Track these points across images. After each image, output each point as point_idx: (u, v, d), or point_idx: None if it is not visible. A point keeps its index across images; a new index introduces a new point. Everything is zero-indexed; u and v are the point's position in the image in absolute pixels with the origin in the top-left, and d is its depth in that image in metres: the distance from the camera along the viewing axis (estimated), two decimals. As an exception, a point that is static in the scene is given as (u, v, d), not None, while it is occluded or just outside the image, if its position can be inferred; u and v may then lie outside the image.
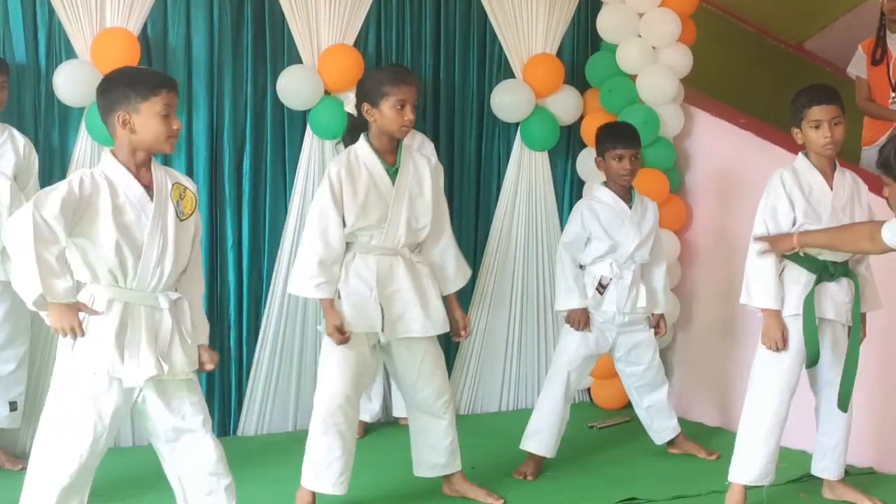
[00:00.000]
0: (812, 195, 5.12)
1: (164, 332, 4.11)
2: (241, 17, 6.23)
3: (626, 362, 6.08)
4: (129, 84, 4.05)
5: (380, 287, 5.07)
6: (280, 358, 6.43)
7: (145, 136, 4.05)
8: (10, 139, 5.63)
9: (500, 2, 6.74)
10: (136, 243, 4.02)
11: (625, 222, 5.93)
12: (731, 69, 8.43)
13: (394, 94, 5.00)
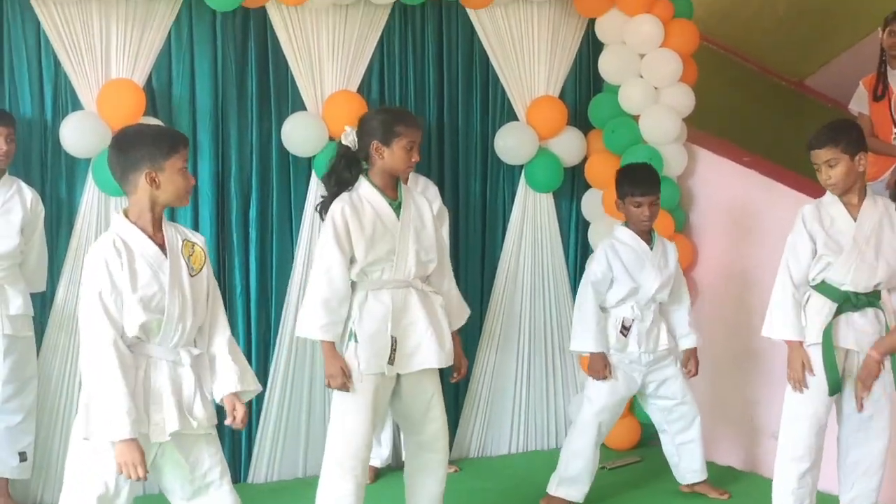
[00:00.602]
0: (833, 227, 5.18)
1: (188, 387, 4.12)
2: (244, 65, 6.27)
3: (657, 397, 6.12)
4: (153, 142, 4.10)
5: (394, 320, 5.06)
6: (289, 404, 6.42)
7: (168, 192, 4.11)
8: (17, 192, 5.67)
9: (501, 45, 6.78)
10: (158, 303, 4.05)
11: (646, 263, 5.99)
12: (733, 107, 8.46)
13: (406, 135, 5.08)
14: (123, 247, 4.03)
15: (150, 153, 4.07)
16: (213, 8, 5.98)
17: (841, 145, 5.14)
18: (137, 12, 5.93)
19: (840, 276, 5.12)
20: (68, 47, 5.87)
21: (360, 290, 5.08)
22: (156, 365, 4.09)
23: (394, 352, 5.04)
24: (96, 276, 3.99)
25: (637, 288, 5.97)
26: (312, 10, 6.23)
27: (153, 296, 4.03)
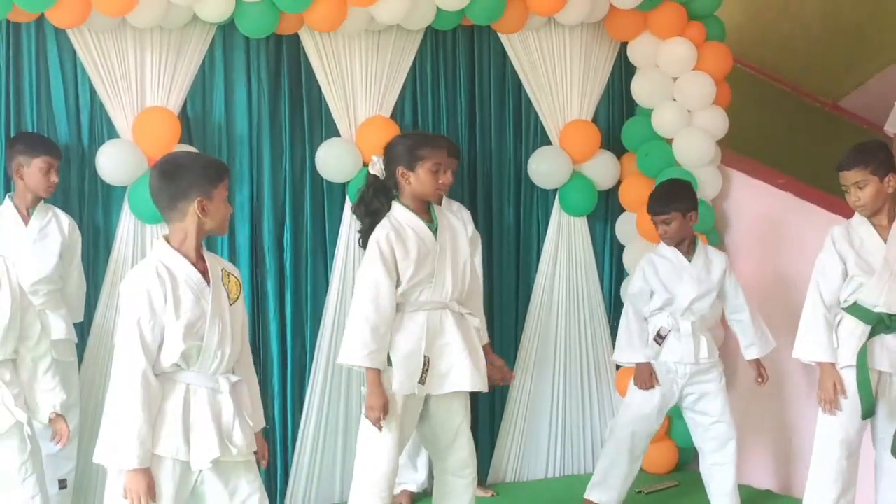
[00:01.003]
0: (863, 248, 5.19)
1: (227, 414, 4.14)
2: (278, 92, 6.30)
3: (694, 411, 6.13)
4: (203, 170, 4.14)
5: (429, 341, 5.06)
6: (325, 429, 6.43)
7: (215, 221, 4.16)
8: (54, 219, 5.72)
9: (534, 69, 6.80)
10: (199, 329, 4.08)
11: (683, 276, 6.02)
12: (767, 129, 8.45)
13: (430, 157, 5.08)
14: (167, 274, 4.06)
15: (200, 182, 4.10)
16: (246, 35, 6.04)
17: (871, 167, 5.16)
18: (172, 40, 5.98)
19: (873, 297, 5.12)
20: (104, 76, 5.91)
21: (397, 311, 5.08)
22: (195, 392, 4.11)
23: (425, 372, 5.04)
24: (136, 305, 4.01)
25: (672, 298, 6.01)
26: (345, 36, 6.27)
27: (195, 322, 4.06)
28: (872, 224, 5.21)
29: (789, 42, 9.06)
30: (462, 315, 5.18)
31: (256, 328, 6.32)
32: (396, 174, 5.12)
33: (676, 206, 6.00)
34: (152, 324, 4.00)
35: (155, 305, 4.00)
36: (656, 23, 6.79)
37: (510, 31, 6.63)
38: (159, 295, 4.01)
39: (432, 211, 5.21)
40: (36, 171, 5.60)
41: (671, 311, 6.03)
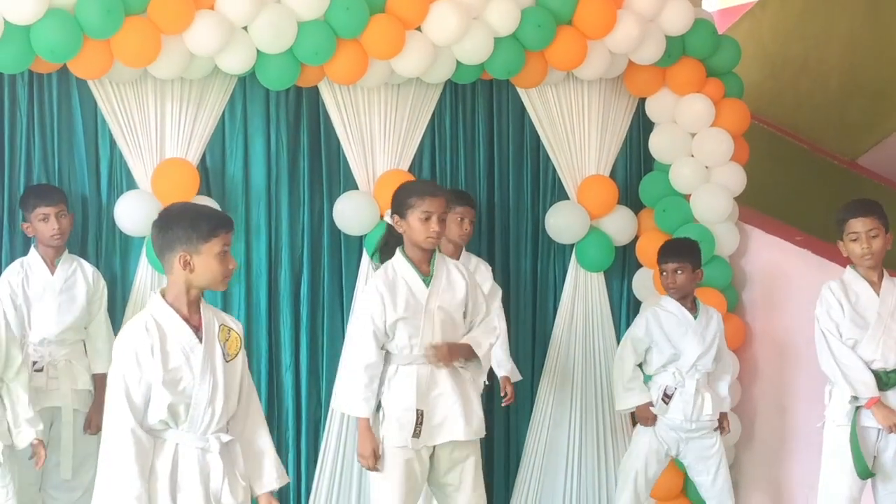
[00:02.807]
0: (859, 303, 5.26)
1: (216, 475, 4.11)
2: (297, 144, 6.34)
3: (695, 471, 6.17)
4: (191, 224, 4.05)
5: (421, 394, 5.10)
6: (340, 482, 6.40)
7: (203, 276, 4.08)
8: (79, 269, 5.78)
9: (552, 124, 6.83)
10: (187, 389, 4.04)
11: (688, 331, 6.06)
12: (785, 186, 8.47)
13: (419, 205, 5.08)
14: (156, 328, 4.02)
15: (187, 235, 4.03)
16: (266, 87, 6.09)
17: (882, 219, 5.26)
18: (192, 92, 6.04)
19: (869, 352, 5.17)
20: (124, 127, 5.97)
21: (391, 363, 5.13)
22: (184, 452, 4.09)
23: (419, 425, 5.07)
24: (123, 361, 4.00)
25: (677, 354, 6.05)
26: (364, 90, 6.32)
27: (181, 380, 4.02)
28: (865, 279, 5.27)
29: (807, 99, 9.09)
30: (455, 368, 5.20)
31: (272, 381, 6.35)
32: (393, 221, 5.19)
33: (690, 259, 6.09)
34: (139, 380, 3.97)
35: (141, 361, 3.97)
36: (675, 79, 6.83)
37: (529, 85, 6.67)
38: (146, 350, 3.98)
39: (433, 263, 5.23)
40: (36, 222, 5.65)
41: (676, 367, 6.06)
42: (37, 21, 5.38)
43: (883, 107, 8.61)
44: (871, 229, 5.21)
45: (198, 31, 5.65)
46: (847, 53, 8.89)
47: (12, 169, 5.87)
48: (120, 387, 3.97)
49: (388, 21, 6.00)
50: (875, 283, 5.27)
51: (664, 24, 6.63)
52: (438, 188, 5.50)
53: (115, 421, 3.98)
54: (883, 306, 5.21)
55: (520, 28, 6.27)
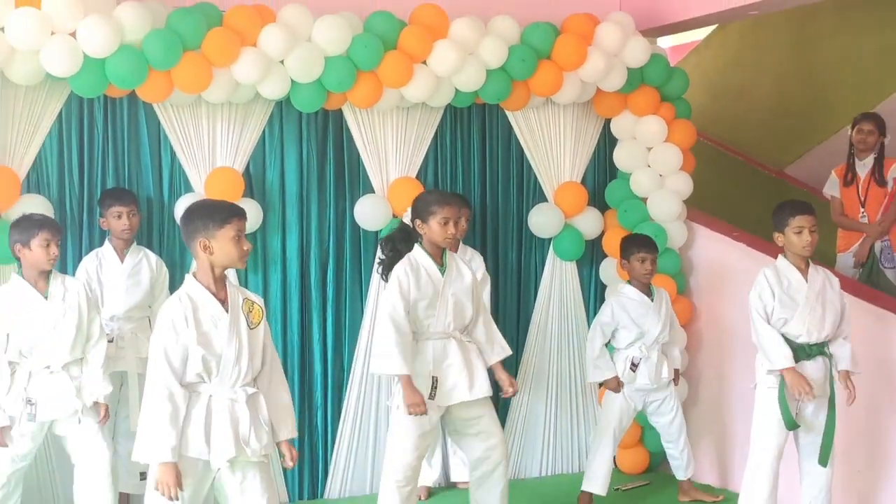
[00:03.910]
0: (790, 287, 5.21)
1: (244, 420, 4.12)
2: (324, 156, 6.33)
3: (656, 417, 6.25)
4: (207, 215, 4.10)
5: (436, 364, 5.16)
6: (359, 432, 6.42)
7: (222, 257, 4.10)
8: (145, 258, 5.78)
9: (534, 140, 6.82)
10: (216, 349, 4.07)
11: (649, 312, 6.05)
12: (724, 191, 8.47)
13: (439, 212, 5.13)
14: (189, 301, 4.06)
15: (204, 224, 4.07)
16: (299, 109, 6.08)
17: (817, 218, 5.23)
18: (238, 114, 6.03)
19: (797, 328, 5.16)
20: (181, 141, 5.97)
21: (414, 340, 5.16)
22: (216, 401, 4.11)
23: (434, 389, 5.12)
24: (163, 333, 4.03)
25: (643, 333, 6.06)
26: (380, 112, 6.31)
27: (211, 341, 4.06)
28: (796, 267, 5.23)
29: (743, 120, 9.09)
30: (463, 342, 5.24)
31: (304, 351, 6.34)
32: (415, 224, 5.20)
33: (657, 251, 6.16)
34: (175, 342, 4.00)
35: (177, 327, 4.01)
36: (634, 103, 6.82)
37: (515, 108, 6.66)
38: (181, 319, 4.03)
39: (445, 257, 5.26)
40: (111, 219, 5.66)
41: (642, 342, 6.07)
42: (111, 55, 5.38)
43: (805, 126, 8.62)
44: (812, 225, 5.17)
45: (243, 65, 5.64)
46: (775, 82, 8.90)
47: (91, 175, 5.87)
48: (160, 350, 4.01)
49: (400, 56, 5.98)
50: (804, 271, 5.24)
51: (626, 58, 6.61)
52: (454, 197, 5.53)
53: (156, 378, 4.01)
54: (810, 290, 5.19)
55: (507, 62, 6.26)
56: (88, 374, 5.08)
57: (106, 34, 5.31)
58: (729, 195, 8.53)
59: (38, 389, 4.99)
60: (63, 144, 5.79)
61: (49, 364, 5.00)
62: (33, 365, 4.99)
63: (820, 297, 5.22)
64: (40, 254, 4.98)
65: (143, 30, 5.44)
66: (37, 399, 4.97)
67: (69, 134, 5.80)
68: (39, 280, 5.05)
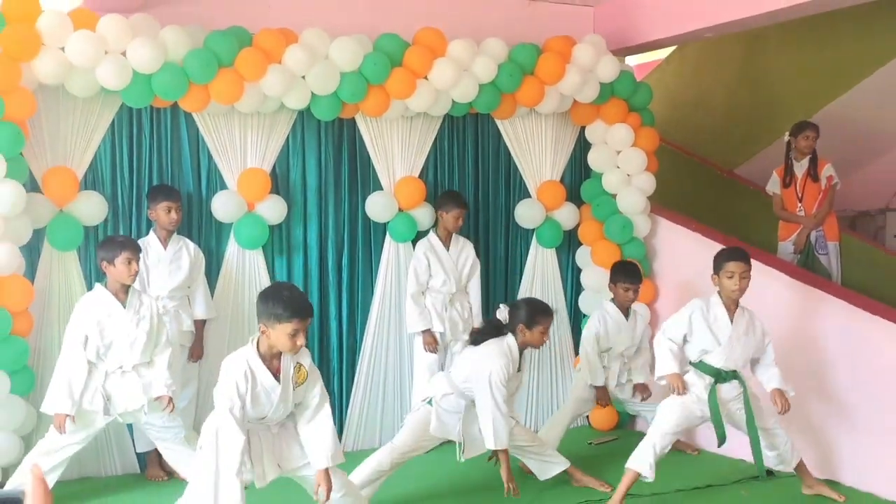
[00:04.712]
0: (715, 324, 5.05)
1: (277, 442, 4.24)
2: (340, 157, 6.33)
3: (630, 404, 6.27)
4: (275, 306, 3.98)
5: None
6: (370, 396, 6.44)
7: (276, 343, 4.06)
8: (184, 246, 5.78)
9: (519, 144, 6.82)
10: (265, 409, 4.13)
11: (622, 331, 6.02)
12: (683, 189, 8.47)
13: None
14: (251, 374, 4.05)
15: (268, 313, 3.99)
16: (318, 118, 6.09)
17: (750, 264, 5.08)
18: (265, 122, 6.04)
19: (716, 361, 5.05)
20: (217, 145, 5.97)
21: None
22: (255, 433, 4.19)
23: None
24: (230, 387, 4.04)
25: (611, 347, 6.02)
26: (387, 120, 6.32)
27: (261, 401, 4.10)
28: (725, 308, 5.06)
29: (699, 127, 9.11)
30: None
31: (322, 325, 6.34)
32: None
33: (640, 282, 6.10)
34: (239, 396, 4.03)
35: (240, 391, 4.04)
36: (606, 113, 6.83)
37: (504, 117, 6.67)
38: (242, 387, 4.04)
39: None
40: (161, 212, 5.65)
41: (608, 354, 6.04)
42: (156, 71, 5.41)
43: (753, 133, 8.63)
44: (744, 271, 5.02)
45: (270, 80, 5.65)
46: (727, 95, 8.90)
47: (139, 175, 5.87)
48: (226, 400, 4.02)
49: (405, 73, 6.00)
50: (731, 311, 5.08)
51: (599, 74, 6.62)
52: (461, 200, 6.28)
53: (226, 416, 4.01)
54: (734, 331, 5.04)
55: (497, 77, 6.27)
56: (155, 374, 5.09)
57: (152, 53, 5.33)
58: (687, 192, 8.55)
59: (112, 387, 5.03)
60: (115, 148, 5.79)
61: (122, 364, 5.03)
62: (109, 365, 5.03)
63: (741, 338, 5.07)
64: (123, 270, 5.00)
65: (184, 49, 5.45)
66: (111, 395, 5.02)
67: (120, 139, 5.80)
68: (120, 292, 5.07)
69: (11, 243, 5.21)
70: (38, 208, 5.44)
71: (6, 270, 5.16)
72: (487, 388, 4.95)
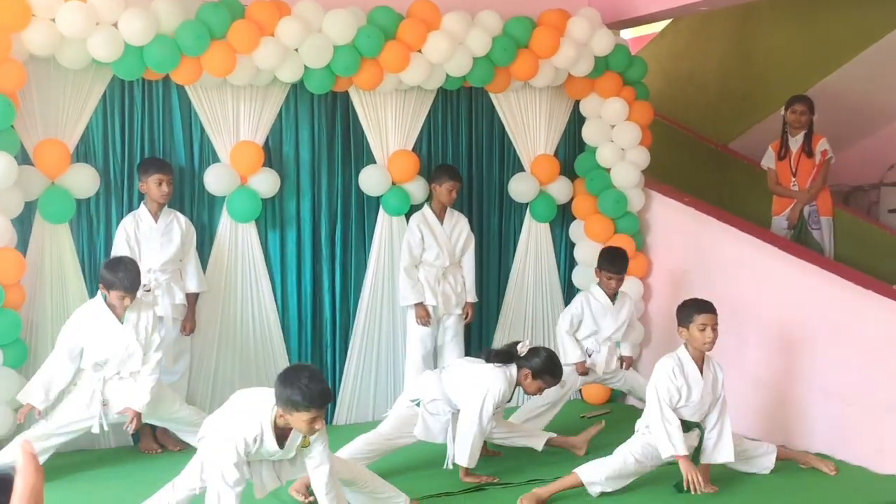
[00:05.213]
0: (689, 378, 4.94)
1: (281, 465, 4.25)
2: (333, 130, 6.30)
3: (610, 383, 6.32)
4: (294, 394, 3.91)
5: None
6: (363, 368, 6.44)
7: (293, 426, 4.01)
8: (175, 219, 5.75)
9: (513, 118, 6.80)
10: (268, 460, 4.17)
11: (607, 315, 6.02)
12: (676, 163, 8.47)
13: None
14: (259, 439, 4.01)
15: (287, 400, 3.93)
16: (311, 91, 6.05)
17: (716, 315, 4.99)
18: (258, 95, 6.00)
19: (686, 415, 4.97)
20: (210, 119, 5.93)
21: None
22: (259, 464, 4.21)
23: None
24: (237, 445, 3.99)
25: (597, 330, 6.04)
26: (381, 94, 6.28)
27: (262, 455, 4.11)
28: (694, 362, 4.96)
29: (693, 101, 9.08)
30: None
31: (315, 298, 6.33)
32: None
33: (626, 270, 6.13)
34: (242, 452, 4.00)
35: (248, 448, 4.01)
36: (601, 87, 6.80)
37: (498, 91, 6.63)
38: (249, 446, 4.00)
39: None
40: (152, 185, 5.61)
41: (595, 338, 6.07)
42: (148, 43, 5.37)
43: (746, 107, 8.61)
44: (714, 323, 4.91)
45: (262, 53, 5.62)
46: (720, 69, 8.88)
47: (131, 147, 5.83)
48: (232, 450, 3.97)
49: (398, 46, 5.96)
50: (699, 365, 4.95)
51: (593, 48, 6.59)
52: (455, 174, 6.29)
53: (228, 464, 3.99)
54: (705, 386, 4.95)
55: (491, 51, 6.24)
56: (139, 385, 5.16)
57: (144, 25, 5.29)
58: (680, 166, 8.54)
59: (110, 392, 5.13)
60: (107, 121, 5.75)
61: (119, 371, 5.14)
62: (107, 373, 5.12)
63: (709, 389, 4.99)
64: (117, 303, 5.11)
65: (176, 21, 5.41)
66: (108, 399, 5.13)
67: (112, 111, 5.76)
68: (119, 308, 5.13)
69: (3, 216, 5.18)
70: (30, 181, 5.41)
71: (-2, 243, 5.13)
72: (478, 406, 4.98)
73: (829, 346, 5.68)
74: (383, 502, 4.52)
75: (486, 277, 6.80)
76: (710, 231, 6.52)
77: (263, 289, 6.14)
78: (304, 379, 3.90)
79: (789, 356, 5.85)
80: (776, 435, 5.80)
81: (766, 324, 6.03)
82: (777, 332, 5.97)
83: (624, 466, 4.94)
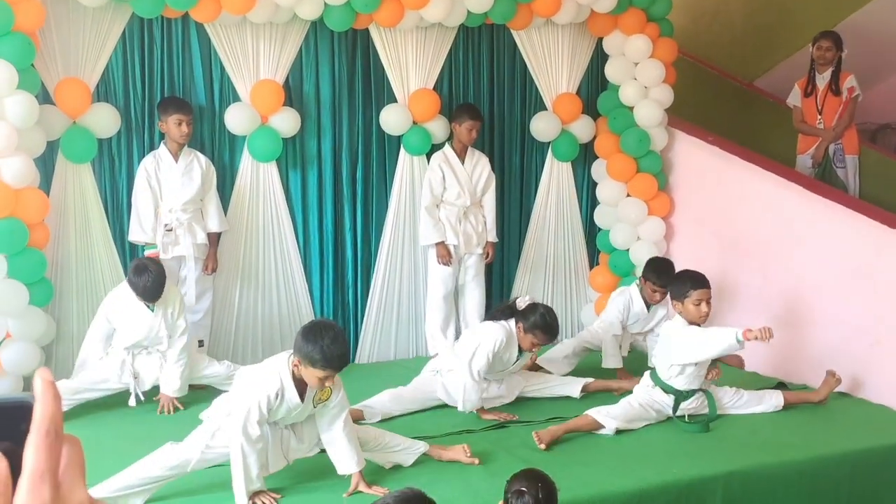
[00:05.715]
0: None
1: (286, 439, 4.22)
2: (353, 69, 6.27)
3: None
4: (312, 350, 3.87)
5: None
6: (385, 307, 6.46)
7: (305, 378, 3.97)
8: (195, 159, 5.75)
9: (535, 55, 6.73)
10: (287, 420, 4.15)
11: (640, 319, 5.91)
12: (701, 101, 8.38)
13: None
14: (281, 393, 3.99)
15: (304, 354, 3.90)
16: (331, 29, 6.01)
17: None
18: (278, 33, 5.96)
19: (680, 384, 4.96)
20: (230, 57, 5.91)
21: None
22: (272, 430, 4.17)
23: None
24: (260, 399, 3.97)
25: (626, 329, 5.93)
26: (402, 31, 6.22)
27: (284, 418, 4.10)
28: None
29: (718, 38, 8.95)
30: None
31: (337, 238, 6.35)
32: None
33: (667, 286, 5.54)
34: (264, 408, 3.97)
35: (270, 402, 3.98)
36: (624, 23, 6.70)
37: (519, 28, 6.55)
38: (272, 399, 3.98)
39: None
40: (172, 125, 5.60)
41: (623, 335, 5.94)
42: (167, -20, 5.32)
43: (772, 43, 8.49)
44: (709, 298, 4.91)
45: (282, -12, 5.56)
46: (746, 5, 8.73)
47: (151, 86, 5.82)
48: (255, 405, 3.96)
49: (419, -20, 5.88)
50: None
51: (617, -17, 6.49)
52: (476, 112, 6.27)
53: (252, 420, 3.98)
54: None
55: (513, -14, 6.15)
56: (167, 372, 5.21)
57: (162, -39, 5.23)
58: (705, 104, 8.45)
59: (140, 366, 5.21)
60: (127, 59, 5.73)
61: (147, 348, 5.21)
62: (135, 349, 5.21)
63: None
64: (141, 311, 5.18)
65: (194, -42, 5.35)
66: (139, 372, 5.21)
67: (132, 50, 5.74)
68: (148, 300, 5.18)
69: (26, 155, 5.18)
70: (51, 120, 5.40)
71: (21, 182, 5.13)
72: (468, 356, 4.99)
73: (852, 285, 5.64)
74: (401, 454, 4.44)
75: (508, 217, 6.78)
76: (733, 170, 6.46)
77: (285, 229, 6.15)
78: (327, 339, 3.89)
79: (812, 295, 5.82)
80: (797, 375, 5.79)
81: (790, 263, 5.99)
82: (800, 271, 5.93)
83: (630, 409, 4.97)
